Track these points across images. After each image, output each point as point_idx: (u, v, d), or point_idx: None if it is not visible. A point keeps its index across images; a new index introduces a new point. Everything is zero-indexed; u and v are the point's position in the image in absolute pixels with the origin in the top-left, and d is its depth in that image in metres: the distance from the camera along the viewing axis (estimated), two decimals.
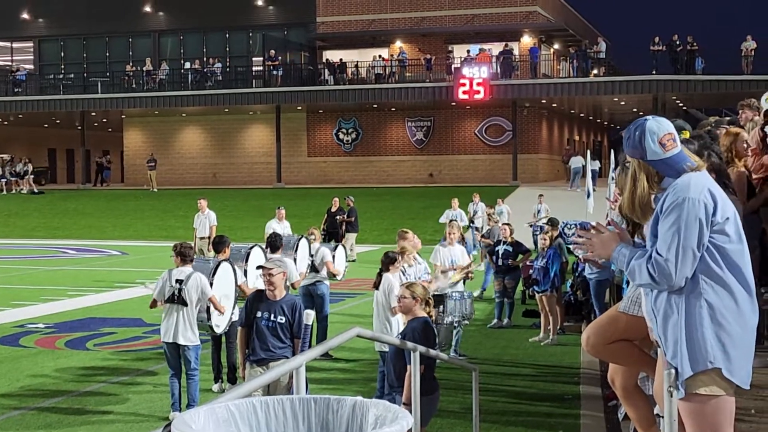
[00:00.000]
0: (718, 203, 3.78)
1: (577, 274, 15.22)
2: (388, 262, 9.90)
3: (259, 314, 8.14)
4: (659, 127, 3.90)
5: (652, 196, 3.94)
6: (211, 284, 9.79)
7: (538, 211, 26.02)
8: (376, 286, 9.86)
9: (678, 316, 3.80)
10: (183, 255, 9.63)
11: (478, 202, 26.28)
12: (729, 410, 3.83)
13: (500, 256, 15.24)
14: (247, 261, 11.14)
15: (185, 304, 9.41)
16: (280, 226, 19.45)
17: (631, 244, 3.97)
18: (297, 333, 8.18)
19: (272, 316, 8.11)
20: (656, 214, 3.85)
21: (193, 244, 10.14)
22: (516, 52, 47.40)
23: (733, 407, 3.87)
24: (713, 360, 3.74)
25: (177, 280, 9.47)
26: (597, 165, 42.35)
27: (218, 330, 10.14)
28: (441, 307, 11.34)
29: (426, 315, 7.24)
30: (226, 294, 10.11)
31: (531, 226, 24.80)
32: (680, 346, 3.78)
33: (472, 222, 25.74)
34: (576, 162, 43.06)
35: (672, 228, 3.73)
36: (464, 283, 13.76)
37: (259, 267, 8.51)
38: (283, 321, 8.12)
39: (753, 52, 41.33)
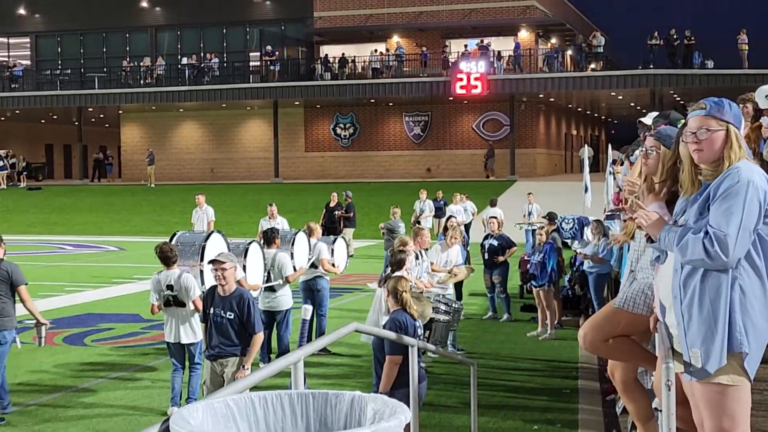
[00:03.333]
0: None
1: (575, 269, 15.23)
2: (398, 263, 9.86)
3: (211, 310, 8.07)
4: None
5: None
6: (203, 256, 9.76)
7: (530, 213, 23.89)
8: (382, 284, 9.84)
9: (710, 299, 3.80)
10: (166, 259, 9.47)
11: (425, 200, 24.77)
12: (746, 399, 3.85)
13: (486, 250, 15.22)
14: (245, 257, 11.11)
15: (183, 305, 9.40)
16: (269, 223, 18.43)
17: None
18: (251, 329, 8.02)
19: (222, 311, 8.01)
20: (706, 195, 3.87)
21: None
22: (510, 46, 47.41)
23: (750, 396, 3.88)
24: (739, 346, 3.76)
25: (167, 286, 9.40)
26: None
27: None
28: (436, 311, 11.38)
29: (399, 308, 7.21)
30: None
31: (520, 226, 23.10)
32: (713, 330, 3.78)
33: (418, 222, 23.40)
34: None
35: (734, 207, 3.76)
36: (457, 285, 13.80)
37: (211, 261, 8.23)
38: (232, 317, 7.97)
39: (747, 46, 41.34)
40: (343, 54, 48.54)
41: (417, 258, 11.38)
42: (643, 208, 4.15)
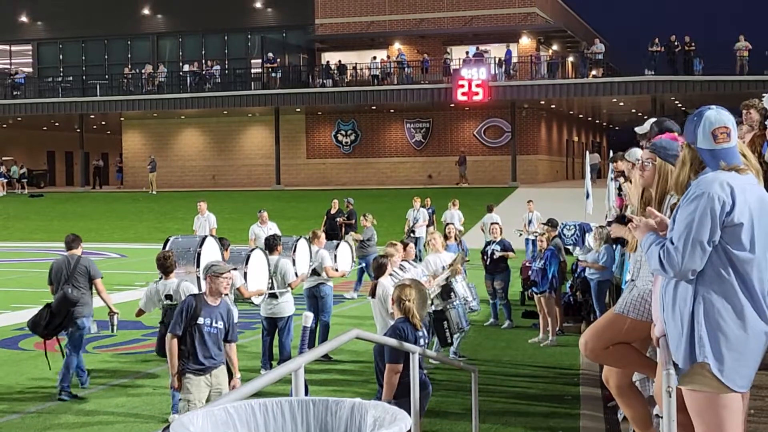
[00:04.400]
0: (737, 205, 3.79)
1: (576, 275, 15.22)
2: (379, 268, 9.79)
3: (201, 320, 7.83)
4: (717, 118, 3.93)
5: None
6: (199, 263, 9.74)
7: (530, 221, 22.85)
8: (373, 294, 9.79)
9: (680, 308, 3.86)
10: (164, 269, 9.38)
11: (419, 208, 23.94)
12: (734, 408, 3.84)
13: (489, 255, 15.20)
14: (247, 264, 11.12)
15: None
16: (262, 229, 18.51)
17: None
18: (233, 338, 8.15)
19: (213, 321, 7.89)
20: (679, 204, 3.90)
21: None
22: (513, 53, 47.46)
23: (740, 405, 3.87)
24: (701, 356, 3.79)
25: (166, 296, 9.32)
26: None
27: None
28: (452, 294, 11.40)
29: (402, 316, 7.18)
30: None
31: (519, 234, 22.27)
32: (680, 337, 3.84)
33: (413, 232, 22.62)
34: (593, 159, 43.04)
35: (686, 219, 3.78)
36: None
37: (220, 271, 7.98)
38: (221, 326, 7.95)
39: (747, 53, 41.34)
40: (339, 61, 48.59)
41: (402, 269, 11.24)
42: (656, 213, 4.16)
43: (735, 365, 3.80)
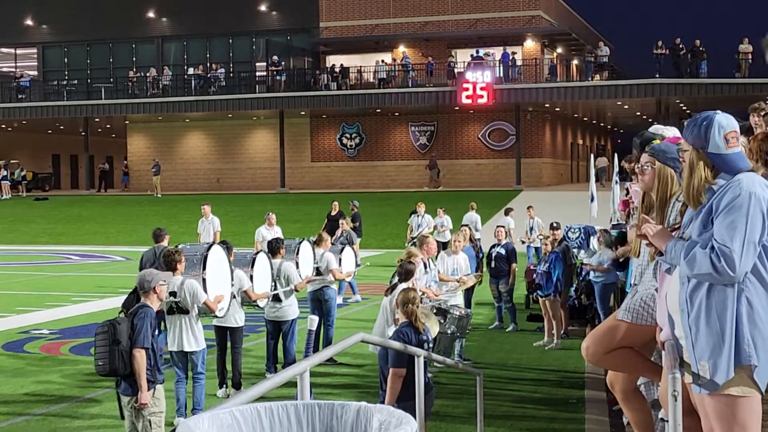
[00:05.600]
0: None
1: (581, 278, 15.20)
2: (407, 273, 9.72)
3: (157, 331, 7.78)
4: (727, 122, 3.94)
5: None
6: (205, 266, 9.76)
7: (531, 228, 22.34)
8: (387, 294, 9.77)
9: (717, 313, 3.79)
10: (168, 264, 9.32)
11: (424, 214, 23.56)
12: (758, 411, 3.84)
13: (493, 258, 15.19)
14: (252, 267, 11.13)
15: (186, 312, 9.37)
16: (270, 232, 18.54)
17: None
18: None
19: (155, 330, 7.85)
20: (709, 208, 3.86)
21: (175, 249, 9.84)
22: (520, 55, 47.45)
23: (760, 408, 3.87)
24: (749, 358, 3.75)
25: (170, 293, 9.25)
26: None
27: (220, 313, 10.05)
28: (444, 318, 11.38)
29: (406, 319, 7.17)
30: (223, 281, 10.09)
31: (523, 242, 21.93)
32: (720, 344, 3.78)
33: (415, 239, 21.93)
34: (600, 163, 42.99)
35: (738, 221, 3.75)
36: (468, 292, 13.79)
37: (166, 278, 8.04)
38: None
39: (750, 55, 41.23)
40: (341, 64, 48.61)
41: (426, 267, 11.37)
42: (650, 221, 4.15)
43: (765, 368, 3.81)
